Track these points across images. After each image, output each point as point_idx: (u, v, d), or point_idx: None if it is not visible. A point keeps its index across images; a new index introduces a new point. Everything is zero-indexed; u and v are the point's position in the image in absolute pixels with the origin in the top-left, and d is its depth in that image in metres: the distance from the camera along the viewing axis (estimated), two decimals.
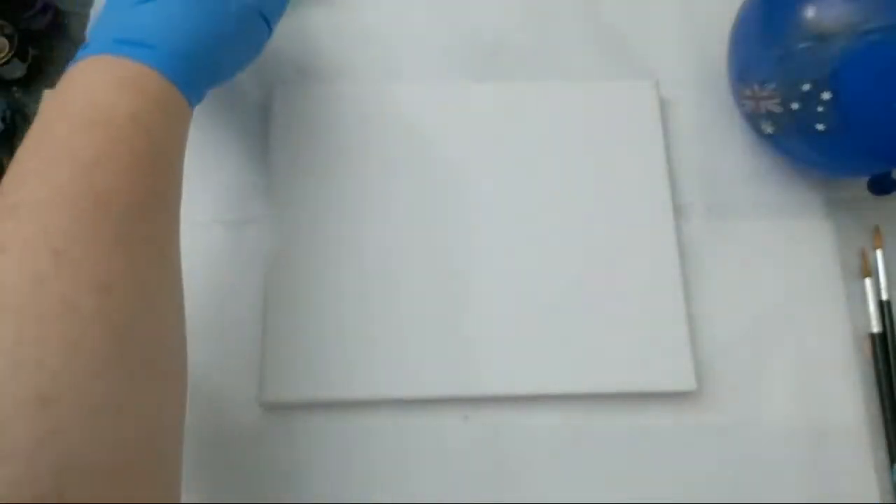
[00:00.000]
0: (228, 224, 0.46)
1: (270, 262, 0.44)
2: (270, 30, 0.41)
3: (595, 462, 0.41)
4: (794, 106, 0.40)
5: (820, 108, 0.39)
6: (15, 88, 0.49)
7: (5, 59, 0.48)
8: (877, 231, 0.46)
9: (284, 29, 0.51)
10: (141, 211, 0.31)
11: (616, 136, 0.46)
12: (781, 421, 0.42)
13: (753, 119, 0.44)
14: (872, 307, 0.44)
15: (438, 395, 0.42)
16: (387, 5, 0.51)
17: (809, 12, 0.39)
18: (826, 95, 0.39)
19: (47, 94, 0.49)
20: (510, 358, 0.42)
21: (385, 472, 0.41)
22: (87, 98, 0.32)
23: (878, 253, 0.45)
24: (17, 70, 0.49)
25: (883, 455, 0.42)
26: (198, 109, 0.50)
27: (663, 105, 0.48)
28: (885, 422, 0.42)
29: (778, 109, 0.41)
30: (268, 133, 0.47)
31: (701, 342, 0.43)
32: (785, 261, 0.45)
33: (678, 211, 0.45)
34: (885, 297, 0.44)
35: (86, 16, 0.51)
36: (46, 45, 0.50)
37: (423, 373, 0.42)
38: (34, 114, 0.48)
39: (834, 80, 0.38)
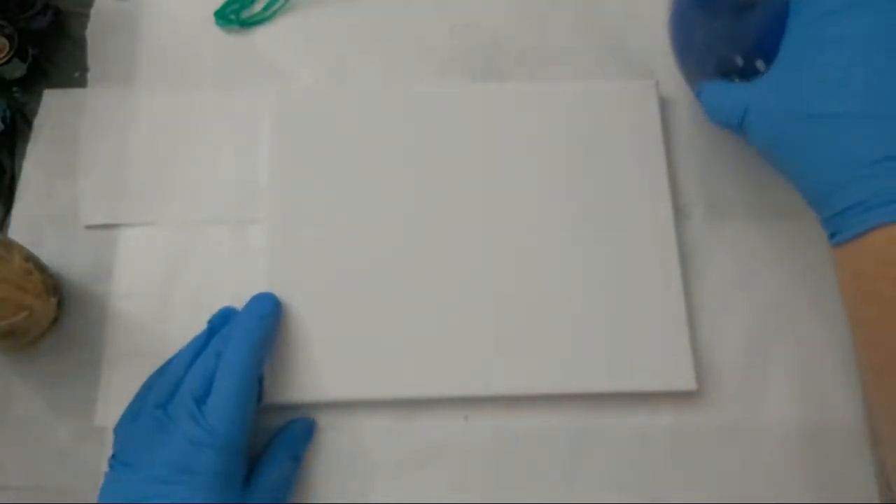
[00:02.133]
0: (228, 224, 0.46)
1: (270, 262, 0.44)
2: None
3: (595, 462, 0.41)
4: None
5: None
6: (15, 88, 0.49)
7: (5, 59, 0.47)
8: None
9: (284, 29, 0.51)
10: None
11: (616, 136, 0.46)
12: (781, 421, 0.42)
13: None
14: None
15: (438, 395, 0.42)
16: (387, 5, 0.51)
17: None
18: None
19: (47, 95, 0.49)
20: (510, 358, 0.42)
21: (385, 472, 0.41)
22: None
23: None
24: (17, 70, 0.49)
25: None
26: (197, 109, 0.50)
27: (663, 105, 0.48)
28: None
29: None
30: (268, 133, 0.47)
31: (701, 342, 0.43)
32: (785, 261, 0.45)
33: (678, 211, 0.46)
34: None
35: (86, 16, 0.51)
36: (46, 45, 0.50)
37: (423, 373, 0.42)
38: (34, 114, 0.48)
39: None
